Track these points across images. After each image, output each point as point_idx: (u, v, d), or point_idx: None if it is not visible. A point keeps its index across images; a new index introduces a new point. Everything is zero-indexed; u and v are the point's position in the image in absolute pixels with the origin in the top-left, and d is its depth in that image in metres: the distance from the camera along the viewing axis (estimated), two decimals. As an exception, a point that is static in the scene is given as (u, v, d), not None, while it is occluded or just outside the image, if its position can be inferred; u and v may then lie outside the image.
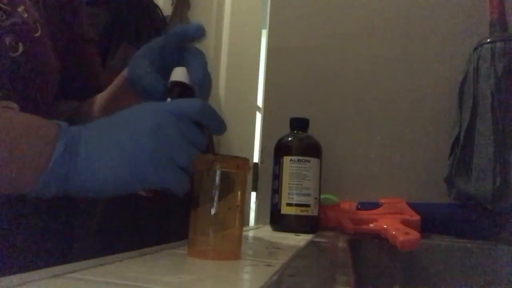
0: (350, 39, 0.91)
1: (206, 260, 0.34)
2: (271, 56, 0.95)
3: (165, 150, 0.34)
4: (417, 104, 0.85)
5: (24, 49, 0.44)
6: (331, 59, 0.91)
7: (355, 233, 0.69)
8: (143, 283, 0.24)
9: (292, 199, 0.66)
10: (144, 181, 0.34)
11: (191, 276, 0.26)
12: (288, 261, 0.35)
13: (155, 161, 0.33)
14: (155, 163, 0.33)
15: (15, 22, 0.44)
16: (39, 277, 0.23)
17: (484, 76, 0.72)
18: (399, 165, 0.84)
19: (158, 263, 0.27)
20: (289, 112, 0.77)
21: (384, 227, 0.65)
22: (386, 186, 0.83)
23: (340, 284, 0.28)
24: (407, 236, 0.60)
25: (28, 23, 0.45)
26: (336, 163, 0.85)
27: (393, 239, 0.62)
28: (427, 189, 0.81)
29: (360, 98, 0.88)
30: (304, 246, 0.48)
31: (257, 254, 0.38)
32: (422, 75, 0.86)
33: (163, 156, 0.34)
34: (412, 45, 0.87)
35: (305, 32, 0.93)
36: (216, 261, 0.33)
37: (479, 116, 0.72)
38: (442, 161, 0.79)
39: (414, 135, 0.85)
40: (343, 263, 0.39)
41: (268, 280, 0.27)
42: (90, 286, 0.23)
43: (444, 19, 0.86)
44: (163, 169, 0.34)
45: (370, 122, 0.87)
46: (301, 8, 0.94)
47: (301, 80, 0.92)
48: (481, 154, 0.70)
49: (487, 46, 0.73)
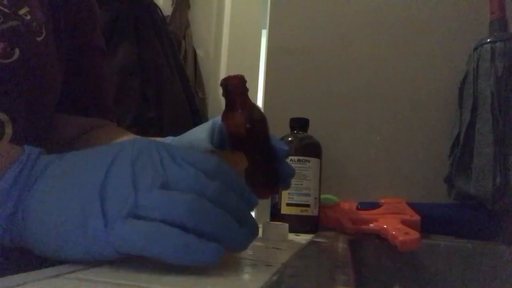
0: (350, 39, 0.91)
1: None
2: (271, 56, 0.95)
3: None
4: (417, 104, 0.85)
5: (21, 55, 0.42)
6: (331, 59, 0.91)
7: (355, 233, 0.69)
8: (143, 283, 0.24)
9: (292, 199, 0.66)
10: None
11: (191, 276, 0.26)
12: (288, 261, 0.35)
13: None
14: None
15: (13, 25, 0.41)
16: (39, 277, 0.23)
17: (484, 76, 0.72)
18: (399, 165, 0.84)
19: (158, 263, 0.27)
20: (289, 112, 0.77)
21: (384, 227, 0.65)
22: (386, 186, 0.83)
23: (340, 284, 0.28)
24: (407, 236, 0.60)
25: (31, 25, 0.43)
26: (336, 163, 0.85)
27: (393, 239, 0.62)
28: (427, 189, 0.81)
29: (360, 98, 0.88)
30: (304, 246, 0.48)
31: (257, 254, 0.38)
32: (422, 75, 0.86)
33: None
34: (412, 45, 0.87)
35: (305, 32, 0.93)
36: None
37: (479, 116, 0.72)
38: (442, 161, 0.79)
39: (414, 135, 0.85)
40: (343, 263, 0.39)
41: (268, 280, 0.26)
42: (90, 286, 0.23)
43: (444, 19, 0.86)
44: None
45: (370, 122, 0.87)
46: (301, 8, 0.94)
47: (301, 80, 0.92)
48: (481, 154, 0.70)
49: (487, 46, 0.73)
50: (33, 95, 0.44)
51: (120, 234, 0.26)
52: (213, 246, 0.26)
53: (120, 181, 0.27)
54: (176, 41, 1.44)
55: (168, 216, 0.26)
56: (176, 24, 1.53)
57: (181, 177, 0.28)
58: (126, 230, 0.26)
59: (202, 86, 1.58)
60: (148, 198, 0.26)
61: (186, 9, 1.60)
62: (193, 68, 1.56)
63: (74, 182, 0.28)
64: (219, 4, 1.71)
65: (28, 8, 0.44)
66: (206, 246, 0.26)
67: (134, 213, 0.26)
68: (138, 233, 0.26)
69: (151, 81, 1.20)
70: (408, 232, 0.62)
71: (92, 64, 0.59)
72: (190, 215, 0.26)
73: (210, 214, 0.27)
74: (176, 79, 1.29)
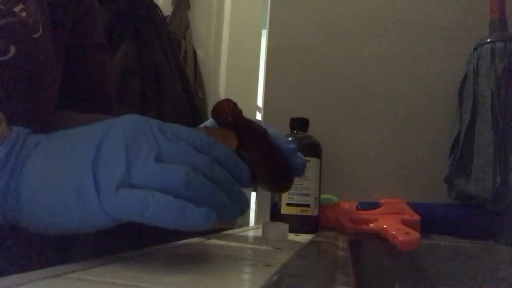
0: (350, 39, 0.91)
1: (206, 260, 0.34)
2: (271, 56, 0.95)
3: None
4: (417, 104, 0.85)
5: (17, 52, 0.41)
6: (331, 59, 0.91)
7: (355, 233, 0.69)
8: (143, 283, 0.24)
9: (292, 199, 0.66)
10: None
11: (191, 276, 0.26)
12: (288, 261, 0.35)
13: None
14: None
15: (9, 22, 0.41)
16: (39, 277, 0.23)
17: (484, 76, 0.72)
18: (399, 165, 0.84)
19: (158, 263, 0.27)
20: (289, 112, 0.77)
21: (384, 227, 0.65)
22: (386, 186, 0.83)
23: (340, 284, 0.28)
24: (407, 236, 0.60)
25: (26, 22, 0.43)
26: (336, 163, 0.85)
27: (393, 239, 0.62)
28: (427, 189, 0.81)
29: (360, 98, 0.88)
30: (304, 246, 0.48)
31: (257, 254, 0.38)
32: (422, 75, 0.86)
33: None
34: (412, 45, 0.87)
35: (305, 32, 0.93)
36: (216, 261, 0.33)
37: (479, 116, 0.72)
38: (442, 161, 0.79)
39: (414, 135, 0.85)
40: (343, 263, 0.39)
41: (268, 280, 0.27)
42: (90, 286, 0.23)
43: (444, 19, 0.86)
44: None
45: (370, 122, 0.87)
46: (301, 8, 0.94)
47: (301, 80, 0.92)
48: (481, 154, 0.70)
49: (487, 46, 0.73)
50: (29, 93, 0.44)
51: (113, 201, 0.26)
52: (205, 210, 0.27)
53: (112, 154, 0.28)
54: (176, 41, 1.44)
55: (163, 188, 0.27)
56: (176, 24, 1.53)
57: (174, 151, 0.29)
58: (120, 197, 0.26)
59: (202, 86, 1.58)
60: (143, 170, 0.27)
61: (186, 9, 1.60)
62: (193, 68, 1.56)
63: (66, 156, 0.28)
64: (219, 4, 1.71)
65: (23, 5, 0.43)
66: (198, 210, 0.26)
67: (128, 183, 0.27)
68: (131, 198, 0.26)
69: (151, 81, 1.20)
70: (408, 232, 0.61)
71: (94, 60, 0.59)
72: (185, 186, 0.27)
73: (203, 186, 0.28)
74: (176, 79, 1.29)
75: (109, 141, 0.28)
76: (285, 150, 0.45)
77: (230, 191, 0.30)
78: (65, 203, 0.27)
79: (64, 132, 0.31)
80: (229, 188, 0.30)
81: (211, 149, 0.30)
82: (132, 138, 0.28)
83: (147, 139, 0.28)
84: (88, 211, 0.27)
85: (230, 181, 0.30)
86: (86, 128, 0.31)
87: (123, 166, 0.27)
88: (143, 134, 0.29)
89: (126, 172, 0.27)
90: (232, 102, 0.40)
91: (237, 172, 0.31)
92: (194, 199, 0.27)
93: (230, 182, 0.30)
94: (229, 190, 0.30)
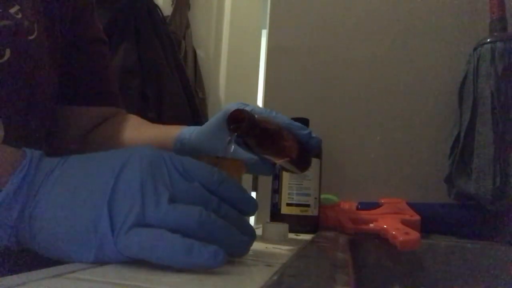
0: (350, 39, 0.91)
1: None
2: (271, 56, 0.95)
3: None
4: (417, 104, 0.85)
5: (12, 55, 0.41)
6: (331, 59, 0.91)
7: (355, 233, 0.69)
8: (143, 283, 0.24)
9: (292, 199, 0.66)
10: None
11: (191, 276, 0.26)
12: (288, 261, 0.35)
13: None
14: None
15: (4, 25, 0.41)
16: (39, 277, 0.23)
17: (484, 76, 0.72)
18: (399, 165, 0.84)
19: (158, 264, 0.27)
20: (289, 112, 0.77)
21: (384, 227, 0.65)
22: (386, 186, 0.83)
23: (340, 284, 0.28)
24: (407, 236, 0.60)
25: (22, 24, 0.43)
26: (336, 163, 0.85)
27: (393, 239, 0.62)
28: (427, 189, 0.81)
29: (360, 98, 0.88)
30: (304, 246, 0.48)
31: (257, 254, 0.38)
32: (422, 75, 0.86)
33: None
34: (412, 45, 0.87)
35: (305, 32, 0.93)
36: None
37: (479, 116, 0.72)
38: (442, 161, 0.79)
39: (414, 135, 0.85)
40: (343, 263, 0.39)
41: (268, 280, 0.27)
42: (90, 286, 0.23)
43: (444, 19, 0.86)
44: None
45: (370, 122, 0.87)
46: (301, 8, 0.94)
47: (301, 80, 0.92)
48: (481, 154, 0.70)
49: (487, 46, 0.73)
50: (25, 95, 0.44)
51: (125, 241, 0.27)
52: (213, 249, 0.27)
53: (128, 191, 0.28)
54: (176, 41, 1.44)
55: (177, 227, 0.27)
56: (176, 24, 1.53)
57: (187, 191, 0.29)
58: (131, 237, 0.27)
59: (202, 86, 1.58)
60: (158, 211, 0.27)
61: (186, 9, 1.60)
62: (193, 68, 1.56)
63: (83, 188, 0.29)
64: (219, 4, 1.71)
65: (19, 7, 0.43)
66: (206, 249, 0.27)
67: (141, 223, 0.27)
68: (141, 239, 0.27)
69: (151, 81, 1.20)
70: (408, 232, 0.61)
71: (93, 55, 0.60)
72: (198, 226, 0.28)
73: (216, 225, 0.28)
74: (176, 79, 1.29)
75: (125, 177, 0.29)
76: (302, 136, 0.48)
77: (239, 226, 0.31)
78: (82, 238, 0.28)
79: (78, 160, 0.31)
80: (238, 224, 0.31)
81: (222, 186, 0.31)
82: (148, 175, 0.29)
83: (162, 177, 0.29)
84: (103, 249, 0.27)
85: (238, 217, 0.31)
86: (100, 160, 0.31)
87: (138, 207, 0.28)
88: (159, 171, 0.29)
89: (141, 213, 0.27)
90: (245, 114, 0.39)
91: (245, 206, 0.32)
92: (208, 238, 0.28)
93: (239, 217, 0.31)
94: (238, 225, 0.31)
